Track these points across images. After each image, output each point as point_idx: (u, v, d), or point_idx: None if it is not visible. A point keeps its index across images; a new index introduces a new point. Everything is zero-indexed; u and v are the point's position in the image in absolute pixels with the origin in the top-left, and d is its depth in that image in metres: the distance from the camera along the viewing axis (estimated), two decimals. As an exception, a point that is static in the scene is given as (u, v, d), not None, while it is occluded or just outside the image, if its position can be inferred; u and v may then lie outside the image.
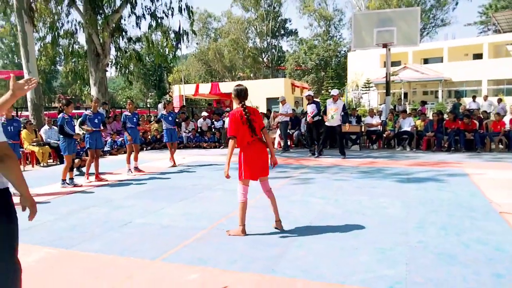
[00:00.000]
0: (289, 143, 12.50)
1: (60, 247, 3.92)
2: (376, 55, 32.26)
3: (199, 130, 14.00)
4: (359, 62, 33.97)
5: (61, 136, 6.95)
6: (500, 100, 14.96)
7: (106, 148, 12.04)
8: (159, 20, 15.64)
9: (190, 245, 3.85)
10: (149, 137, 13.32)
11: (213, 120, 14.32)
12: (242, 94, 4.10)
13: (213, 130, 13.91)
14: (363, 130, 12.19)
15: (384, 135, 11.87)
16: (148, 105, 42.09)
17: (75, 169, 7.88)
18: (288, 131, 12.51)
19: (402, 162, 8.96)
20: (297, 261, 3.40)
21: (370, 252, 3.55)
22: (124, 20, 15.98)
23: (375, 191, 6.03)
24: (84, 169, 7.91)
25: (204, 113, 14.70)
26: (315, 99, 9.73)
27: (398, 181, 6.75)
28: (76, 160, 8.10)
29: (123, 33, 16.16)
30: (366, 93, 28.72)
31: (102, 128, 7.83)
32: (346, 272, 3.15)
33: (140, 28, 20.61)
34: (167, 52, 17.01)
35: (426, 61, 34.29)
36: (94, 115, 7.60)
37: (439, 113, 11.65)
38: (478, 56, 31.55)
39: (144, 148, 12.55)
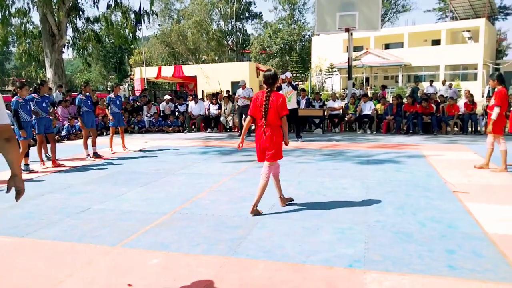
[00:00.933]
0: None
1: (15, 235, 3.74)
2: (339, 40, 32.63)
3: (161, 114, 13.70)
4: (322, 46, 34.27)
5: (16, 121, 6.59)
6: (451, 85, 15.62)
7: (63, 133, 11.55)
8: (118, 0, 15.00)
9: (151, 230, 3.78)
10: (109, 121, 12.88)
11: (177, 103, 14.04)
12: (269, 80, 4.15)
13: (177, 114, 13.65)
14: (325, 113, 12.39)
15: (346, 119, 12.12)
16: (108, 88, 40.64)
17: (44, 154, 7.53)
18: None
19: (363, 144, 9.20)
20: (260, 242, 3.42)
21: (331, 231, 3.63)
22: (81, -1, 15.21)
23: (336, 172, 6.16)
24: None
25: (167, 97, 14.36)
26: (292, 82, 9.67)
27: (358, 163, 6.92)
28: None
29: (80, 13, 15.40)
30: (329, 77, 29.11)
31: (50, 110, 7.53)
32: (308, 251, 3.21)
33: (98, 8, 19.77)
34: (127, 33, 16.41)
35: (387, 46, 35.09)
36: (41, 99, 7.25)
37: (398, 97, 12.00)
38: (437, 42, 32.64)
39: (104, 133, 12.15)
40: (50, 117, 7.88)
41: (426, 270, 2.85)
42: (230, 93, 14.02)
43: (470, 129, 11.09)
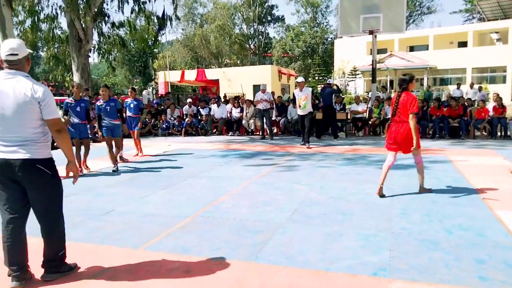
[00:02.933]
0: (275, 130, 12.48)
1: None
2: (362, 42, 32.23)
3: (184, 118, 13.82)
4: (345, 49, 33.92)
5: None
6: (480, 88, 15.15)
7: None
8: (142, 5, 15.27)
9: (173, 234, 3.79)
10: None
11: (199, 107, 14.15)
12: (401, 84, 4.94)
13: (199, 117, 13.76)
14: (349, 117, 12.22)
15: (370, 122, 11.92)
16: (134, 92, 41.39)
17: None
18: (275, 118, 12.48)
19: (387, 149, 9.00)
20: (281, 248, 3.38)
21: (354, 238, 3.55)
22: (107, 4, 15.55)
23: (359, 177, 6.05)
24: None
25: (189, 100, 14.48)
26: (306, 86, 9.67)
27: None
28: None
29: (106, 18, 15.74)
30: (352, 80, 28.78)
31: (85, 120, 7.06)
32: (331, 258, 3.14)
33: (123, 12, 20.20)
34: (150, 37, 16.69)
35: (412, 48, 34.41)
36: (76, 103, 6.91)
37: (424, 101, 11.71)
38: (463, 44, 31.78)
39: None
40: (87, 124, 7.22)
41: (454, 281, 2.74)
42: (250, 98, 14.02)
43: (499, 133, 10.71)
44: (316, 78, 30.86)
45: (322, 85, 12.21)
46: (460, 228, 3.77)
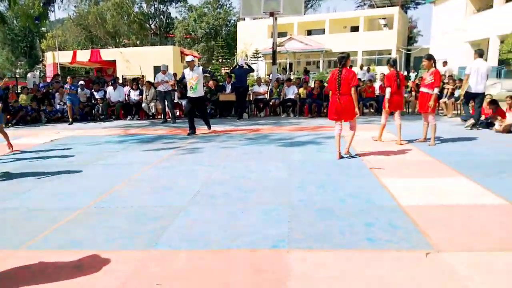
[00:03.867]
0: (178, 113, 12.14)
1: None
2: (264, 25, 32.90)
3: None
4: (248, 32, 34.33)
5: None
6: (369, 70, 16.56)
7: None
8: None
9: (61, 228, 3.43)
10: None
11: (93, 90, 13.06)
12: (341, 61, 5.52)
13: (93, 101, 12.73)
14: (251, 98, 12.39)
15: (271, 103, 12.25)
16: (17, 75, 36.91)
17: None
18: (177, 100, 12.12)
19: (286, 128, 9.36)
20: (183, 231, 3.27)
21: (256, 214, 3.60)
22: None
23: (261, 156, 6.17)
24: None
25: (81, 82, 13.22)
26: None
27: (282, 145, 7.01)
28: None
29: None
30: (255, 63, 29.28)
31: None
32: (233, 236, 3.13)
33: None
34: (35, 13, 14.87)
35: (309, 32, 36.17)
36: None
37: (320, 82, 12.38)
38: (355, 29, 34.36)
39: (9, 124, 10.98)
40: None
41: (347, 245, 2.93)
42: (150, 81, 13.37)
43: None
44: (220, 60, 30.72)
45: (235, 66, 12.09)
46: (351, 196, 4.05)
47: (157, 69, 18.50)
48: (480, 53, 8.45)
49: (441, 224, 3.28)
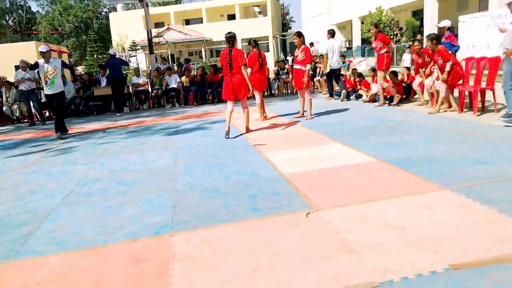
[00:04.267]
0: (48, 113, 10.91)
1: None
2: (139, 16, 31.40)
3: None
4: (122, 23, 32.46)
5: None
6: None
7: None
8: None
9: None
10: None
11: None
12: (229, 40, 5.73)
13: None
14: (130, 91, 11.73)
15: (153, 94, 11.76)
16: None
17: None
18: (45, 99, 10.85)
19: (171, 117, 9.08)
20: (52, 235, 2.89)
21: (137, 205, 3.36)
22: None
23: (144, 147, 5.85)
24: None
25: None
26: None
27: (166, 134, 6.77)
28: None
29: None
30: (134, 56, 27.86)
31: None
32: (110, 230, 2.87)
33: None
34: None
35: (187, 22, 35.67)
36: None
37: (202, 69, 12.26)
38: (232, 17, 34.90)
39: None
40: None
41: (232, 219, 2.90)
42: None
43: (267, 93, 12.24)
44: (95, 56, 28.45)
45: (107, 56, 11.29)
46: (237, 173, 4.06)
47: (17, 68, 16.38)
48: (332, 33, 9.56)
49: (319, 186, 3.47)
